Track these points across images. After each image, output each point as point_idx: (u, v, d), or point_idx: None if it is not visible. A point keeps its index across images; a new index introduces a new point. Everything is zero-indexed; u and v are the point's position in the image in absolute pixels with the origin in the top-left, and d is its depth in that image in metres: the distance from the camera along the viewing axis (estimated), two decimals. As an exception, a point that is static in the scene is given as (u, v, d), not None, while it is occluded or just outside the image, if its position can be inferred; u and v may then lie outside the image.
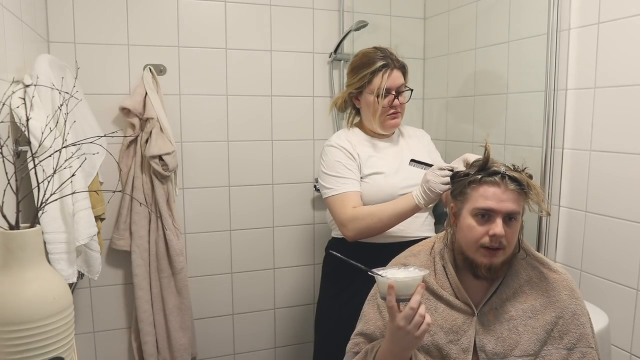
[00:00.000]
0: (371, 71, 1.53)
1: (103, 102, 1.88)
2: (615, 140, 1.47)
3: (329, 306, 1.67)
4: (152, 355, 1.96)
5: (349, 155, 1.56)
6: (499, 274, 1.10)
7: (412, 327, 0.95)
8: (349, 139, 1.60)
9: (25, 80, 1.22)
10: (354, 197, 1.51)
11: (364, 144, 1.60)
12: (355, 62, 1.59)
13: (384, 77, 1.52)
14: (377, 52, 1.56)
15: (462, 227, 1.10)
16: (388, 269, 1.03)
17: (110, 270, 1.98)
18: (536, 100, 1.67)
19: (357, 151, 1.57)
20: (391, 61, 1.54)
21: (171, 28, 1.97)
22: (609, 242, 1.51)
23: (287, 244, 2.25)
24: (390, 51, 1.57)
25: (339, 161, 1.55)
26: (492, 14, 1.92)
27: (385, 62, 1.53)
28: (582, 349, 1.07)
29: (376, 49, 1.57)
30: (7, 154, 0.93)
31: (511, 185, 1.05)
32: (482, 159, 1.11)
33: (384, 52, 1.56)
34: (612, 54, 1.47)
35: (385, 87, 1.52)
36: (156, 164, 1.86)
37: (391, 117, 1.56)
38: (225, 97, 2.08)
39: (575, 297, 1.11)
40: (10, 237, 0.81)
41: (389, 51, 1.57)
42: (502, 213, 1.04)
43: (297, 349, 2.33)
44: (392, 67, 1.53)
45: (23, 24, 1.40)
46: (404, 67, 1.58)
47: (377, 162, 1.57)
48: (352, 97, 1.62)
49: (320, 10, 2.17)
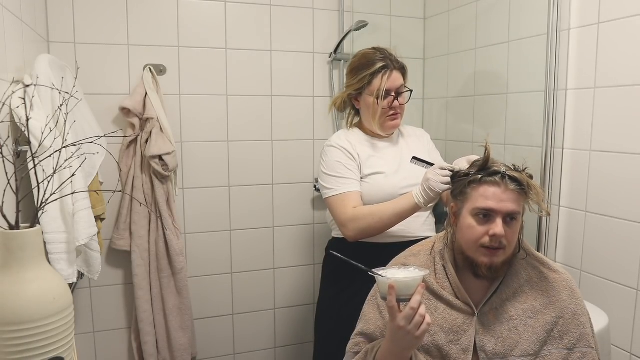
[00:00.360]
0: (371, 73, 1.52)
1: (103, 102, 1.88)
2: (615, 140, 1.47)
3: (329, 306, 1.67)
4: (152, 355, 1.96)
5: (349, 156, 1.56)
6: (499, 274, 1.10)
7: (412, 327, 0.95)
8: (348, 139, 1.59)
9: (25, 80, 1.22)
10: (354, 197, 1.51)
11: (363, 144, 1.60)
12: (354, 64, 1.59)
13: (384, 78, 1.51)
14: (376, 53, 1.55)
15: (463, 227, 1.10)
16: (388, 269, 1.03)
17: (110, 270, 1.98)
18: (536, 100, 1.67)
19: (357, 151, 1.57)
20: (390, 62, 1.53)
21: (171, 28, 1.97)
22: (609, 242, 1.51)
23: (287, 244, 2.25)
24: (389, 52, 1.56)
25: (339, 161, 1.55)
26: (492, 14, 1.92)
27: (384, 64, 1.52)
28: (582, 349, 1.07)
29: (375, 49, 1.57)
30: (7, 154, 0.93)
31: (511, 185, 1.05)
32: (482, 159, 1.11)
33: (383, 53, 1.55)
34: (612, 54, 1.47)
35: (385, 89, 1.51)
36: (156, 164, 1.86)
37: (391, 118, 1.56)
38: (225, 97, 2.08)
39: (576, 297, 1.11)
40: (10, 237, 0.81)
41: (388, 52, 1.56)
42: (503, 213, 1.04)
43: (297, 349, 2.32)
44: (392, 68, 1.53)
45: (23, 24, 1.40)
46: (403, 67, 1.58)
47: (377, 162, 1.57)
48: (351, 98, 1.61)
49: (320, 10, 2.17)
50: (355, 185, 1.53)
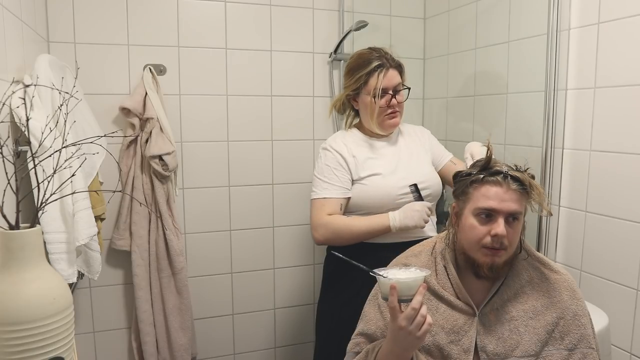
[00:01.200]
0: (366, 72, 1.53)
1: (103, 102, 1.88)
2: (615, 140, 1.47)
3: (330, 306, 1.67)
4: (152, 355, 1.96)
5: (340, 161, 1.56)
6: (500, 274, 1.10)
7: (413, 328, 0.95)
8: (345, 141, 1.60)
9: (25, 80, 1.22)
10: (331, 204, 1.54)
11: (361, 146, 1.60)
12: (351, 64, 1.60)
13: (380, 77, 1.52)
14: (372, 52, 1.56)
15: (464, 226, 1.10)
16: (389, 270, 1.03)
17: (110, 270, 1.98)
18: (536, 100, 1.67)
19: (353, 153, 1.57)
20: (386, 61, 1.54)
21: (171, 28, 1.97)
22: (609, 242, 1.51)
23: (287, 244, 2.24)
24: (385, 51, 1.57)
25: (328, 165, 1.57)
26: (492, 14, 1.92)
27: (380, 62, 1.53)
28: (583, 350, 1.07)
29: (371, 49, 1.58)
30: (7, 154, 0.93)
31: (513, 185, 1.05)
32: (484, 159, 1.11)
33: (378, 52, 1.56)
34: (612, 54, 1.47)
35: (382, 87, 1.52)
36: (156, 164, 1.86)
37: (389, 117, 1.56)
38: (225, 97, 2.08)
39: (577, 298, 1.11)
40: (10, 237, 0.81)
41: (383, 51, 1.57)
42: (504, 213, 1.04)
43: (297, 349, 2.32)
44: (388, 67, 1.53)
45: (23, 24, 1.40)
46: (400, 66, 1.58)
47: (374, 164, 1.57)
48: (349, 98, 1.62)
49: (320, 10, 2.17)
50: (337, 191, 1.55)
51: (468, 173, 1.12)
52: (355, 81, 1.56)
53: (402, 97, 1.58)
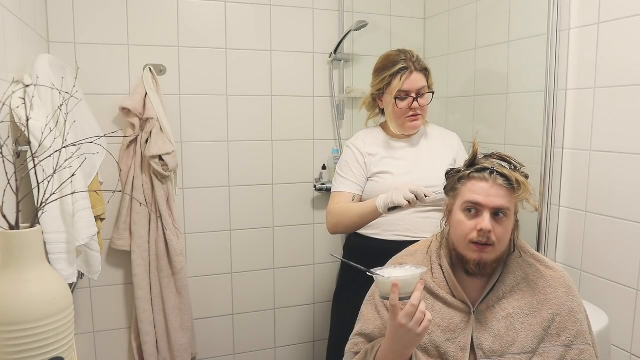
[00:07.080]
0: (390, 74, 1.56)
1: (103, 102, 1.88)
2: (615, 140, 1.47)
3: (347, 289, 1.69)
4: (152, 355, 1.96)
5: (357, 157, 1.62)
6: (487, 270, 1.10)
7: (413, 324, 0.96)
8: (365, 139, 1.66)
9: (25, 80, 1.22)
10: (344, 197, 1.61)
11: (380, 145, 1.64)
12: (378, 64, 1.63)
13: (402, 79, 1.54)
14: (399, 54, 1.58)
15: (454, 222, 1.12)
16: (385, 269, 1.04)
17: (110, 270, 1.98)
18: (536, 100, 1.67)
19: (371, 151, 1.62)
20: (412, 64, 1.56)
21: (171, 28, 1.97)
22: (609, 242, 1.51)
23: (287, 244, 2.24)
24: (412, 54, 1.59)
25: (347, 161, 1.64)
26: (492, 14, 1.92)
27: (404, 65, 1.55)
28: (579, 346, 1.07)
29: (399, 51, 1.60)
30: (7, 154, 0.93)
31: (499, 181, 1.07)
32: (470, 155, 1.14)
33: (405, 55, 1.58)
34: (612, 54, 1.47)
35: (404, 90, 1.54)
36: (156, 164, 1.86)
37: (410, 120, 1.59)
38: (225, 97, 2.08)
39: (572, 294, 1.12)
40: (10, 237, 0.81)
41: (410, 54, 1.59)
42: (490, 208, 1.06)
43: (297, 349, 2.33)
44: (412, 70, 1.55)
45: (23, 24, 1.40)
46: (425, 69, 1.60)
47: (389, 163, 1.61)
48: (374, 97, 1.66)
49: (320, 10, 2.17)
50: (351, 186, 1.61)
51: (457, 170, 1.15)
52: (380, 81, 1.59)
53: (425, 101, 1.59)
